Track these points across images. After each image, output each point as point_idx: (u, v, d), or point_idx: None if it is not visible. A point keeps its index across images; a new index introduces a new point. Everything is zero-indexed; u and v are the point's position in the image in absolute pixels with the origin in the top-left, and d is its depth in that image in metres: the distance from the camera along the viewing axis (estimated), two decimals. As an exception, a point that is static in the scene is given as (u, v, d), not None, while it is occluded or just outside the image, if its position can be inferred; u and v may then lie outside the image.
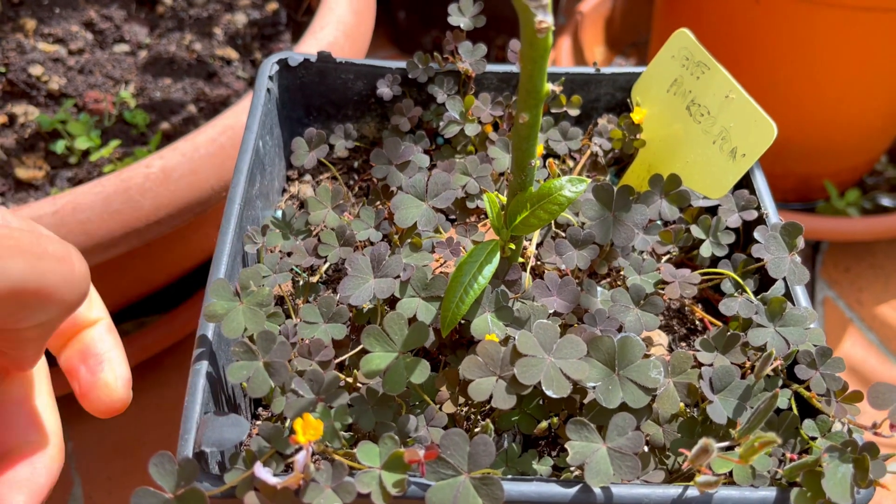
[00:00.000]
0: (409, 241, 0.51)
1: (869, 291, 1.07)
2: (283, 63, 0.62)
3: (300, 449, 0.39)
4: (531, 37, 0.37)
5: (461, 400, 0.49)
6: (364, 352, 0.45)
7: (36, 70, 0.91)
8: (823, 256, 1.12)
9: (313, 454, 0.42)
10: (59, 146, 0.84)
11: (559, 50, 1.35)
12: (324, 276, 0.57)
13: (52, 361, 0.43)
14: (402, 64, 0.63)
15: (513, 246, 0.49)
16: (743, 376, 0.50)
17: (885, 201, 1.14)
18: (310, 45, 0.81)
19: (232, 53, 0.99)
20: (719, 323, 0.55)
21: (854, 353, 1.00)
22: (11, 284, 0.33)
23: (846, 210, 1.10)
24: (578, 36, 1.36)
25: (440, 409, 0.48)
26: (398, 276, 0.47)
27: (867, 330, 1.01)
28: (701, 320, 0.58)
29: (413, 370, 0.44)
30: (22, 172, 0.84)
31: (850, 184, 1.14)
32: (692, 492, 0.42)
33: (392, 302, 0.48)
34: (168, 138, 0.88)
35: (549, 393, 0.43)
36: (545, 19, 0.36)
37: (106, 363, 0.42)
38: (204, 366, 0.44)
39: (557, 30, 1.41)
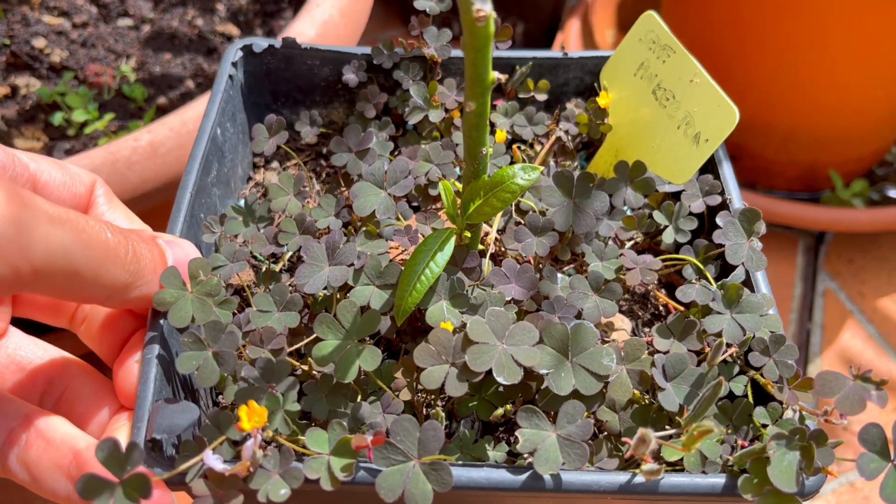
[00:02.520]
0: (364, 228, 0.51)
1: (871, 284, 1.06)
2: (247, 49, 0.62)
3: (249, 436, 0.40)
4: (471, 25, 0.37)
5: (419, 387, 0.49)
6: (318, 339, 0.45)
7: (39, 42, 0.92)
8: (827, 247, 1.11)
9: (264, 441, 0.42)
10: (57, 118, 0.86)
11: (568, 33, 1.33)
12: (287, 263, 0.57)
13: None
14: (367, 50, 0.63)
15: (468, 234, 0.49)
16: (701, 364, 0.50)
17: (893, 193, 1.13)
18: (305, 23, 0.81)
19: (233, 30, 0.99)
20: (682, 309, 0.55)
21: (853, 346, 1.00)
22: (55, 255, 0.36)
23: (851, 201, 1.08)
24: (588, 19, 1.34)
25: (397, 396, 0.48)
26: (352, 265, 0.47)
27: (867, 323, 1.01)
28: (665, 305, 0.58)
29: (364, 357, 0.44)
30: (21, 143, 0.86)
31: (857, 174, 1.12)
32: (641, 478, 0.42)
33: (349, 290, 0.48)
34: (163, 112, 0.89)
35: (500, 380, 0.43)
36: (483, 7, 0.36)
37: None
38: (155, 352, 0.44)
39: (567, 12, 1.39)
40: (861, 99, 1.01)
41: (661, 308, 0.58)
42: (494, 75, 0.40)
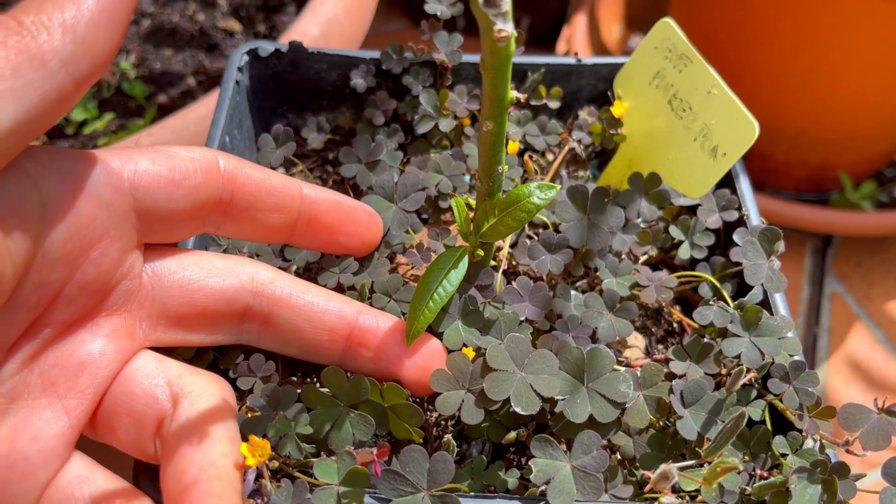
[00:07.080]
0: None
1: (880, 287, 1.04)
2: (253, 53, 0.60)
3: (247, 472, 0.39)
4: (492, 45, 0.36)
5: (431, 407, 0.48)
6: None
7: (37, 37, 0.89)
8: (835, 250, 1.09)
9: (270, 471, 0.41)
10: (55, 117, 0.84)
11: (574, 27, 1.31)
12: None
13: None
14: (375, 54, 0.61)
15: (481, 252, 0.47)
16: (718, 386, 0.48)
17: (902, 195, 1.11)
18: (309, 22, 0.80)
19: (235, 25, 0.97)
20: (697, 326, 0.54)
21: (859, 350, 0.98)
22: None
23: (860, 203, 1.07)
24: (595, 13, 1.31)
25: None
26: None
27: (875, 327, 0.99)
28: (680, 322, 0.57)
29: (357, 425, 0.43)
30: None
31: (866, 175, 1.11)
32: (658, 510, 0.41)
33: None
34: (164, 111, 0.87)
35: (517, 410, 0.42)
36: (505, 28, 0.34)
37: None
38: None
39: (573, 6, 1.36)
40: (871, 100, 1.00)
41: (675, 325, 0.57)
42: (513, 94, 0.39)
